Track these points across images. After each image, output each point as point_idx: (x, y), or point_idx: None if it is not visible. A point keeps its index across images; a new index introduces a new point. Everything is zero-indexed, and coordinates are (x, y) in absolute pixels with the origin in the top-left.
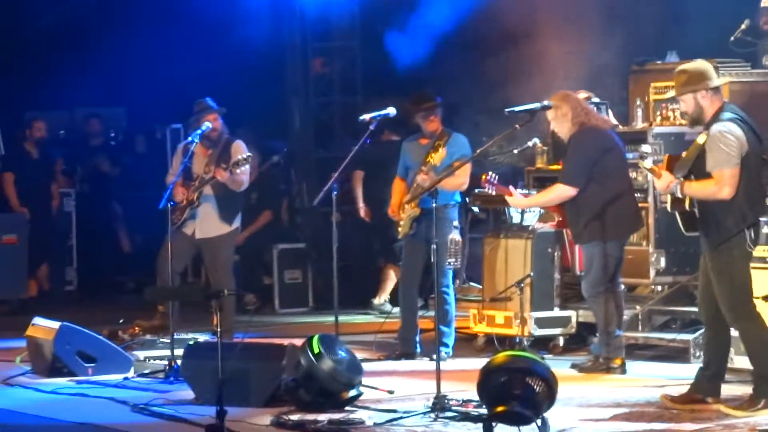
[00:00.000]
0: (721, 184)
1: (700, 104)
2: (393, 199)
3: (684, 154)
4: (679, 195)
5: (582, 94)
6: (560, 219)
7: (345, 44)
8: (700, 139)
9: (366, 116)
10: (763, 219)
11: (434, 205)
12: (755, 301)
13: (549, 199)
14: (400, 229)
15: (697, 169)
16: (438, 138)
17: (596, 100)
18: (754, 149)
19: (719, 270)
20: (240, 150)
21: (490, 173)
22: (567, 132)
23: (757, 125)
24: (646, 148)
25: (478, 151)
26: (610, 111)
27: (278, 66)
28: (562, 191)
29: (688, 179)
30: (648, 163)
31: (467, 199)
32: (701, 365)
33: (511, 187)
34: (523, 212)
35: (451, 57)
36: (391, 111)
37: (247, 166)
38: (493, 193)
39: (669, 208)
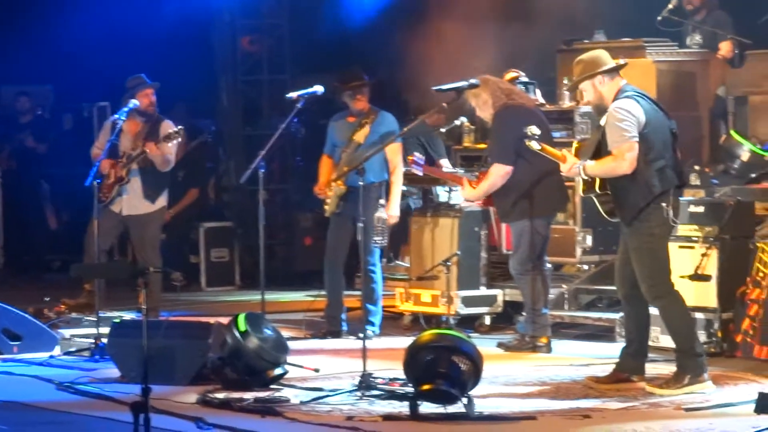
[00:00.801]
0: (619, 159)
1: (598, 90)
2: (320, 177)
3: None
4: (583, 176)
5: (511, 74)
6: (487, 198)
7: (273, 22)
8: (602, 121)
9: (293, 94)
10: (687, 198)
11: (361, 183)
12: (675, 279)
13: (493, 182)
14: (326, 206)
15: (602, 152)
16: (365, 116)
17: (524, 79)
18: (658, 122)
19: (636, 247)
20: (169, 127)
21: (416, 154)
22: (490, 117)
23: (677, 103)
24: (533, 128)
25: (405, 129)
26: (538, 90)
27: (206, 44)
28: (499, 170)
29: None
30: (535, 145)
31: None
32: (624, 344)
33: (464, 179)
34: (450, 190)
35: (380, 35)
36: (319, 89)
37: (176, 143)
38: (420, 173)
39: (582, 193)
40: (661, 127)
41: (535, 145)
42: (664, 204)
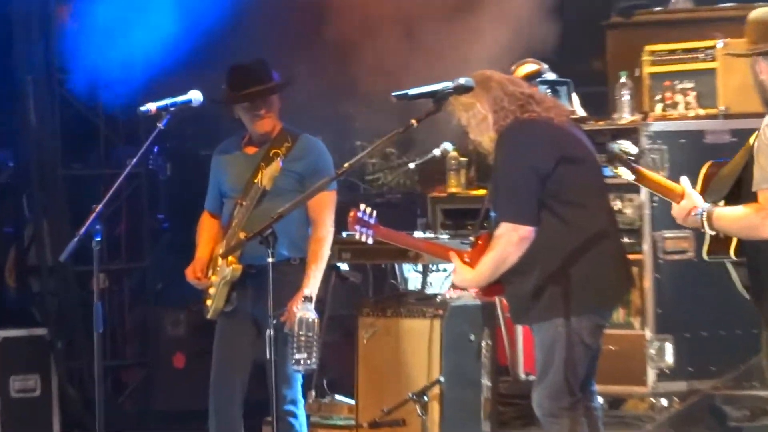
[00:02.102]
0: (763, 213)
1: (760, 77)
2: (198, 249)
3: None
4: (708, 230)
5: (528, 67)
6: (493, 283)
7: None
8: (752, 139)
9: (150, 106)
10: None
11: (270, 260)
12: None
13: (502, 254)
14: (208, 301)
15: (744, 188)
16: (273, 143)
17: (551, 75)
18: None
19: None
20: None
21: (362, 207)
22: (491, 142)
23: None
24: (624, 144)
25: (345, 165)
26: (575, 95)
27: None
28: (512, 235)
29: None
30: (626, 173)
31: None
32: None
33: (452, 252)
34: (425, 270)
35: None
36: (195, 97)
37: None
38: (370, 240)
39: (706, 255)
40: None
41: (626, 173)
42: None
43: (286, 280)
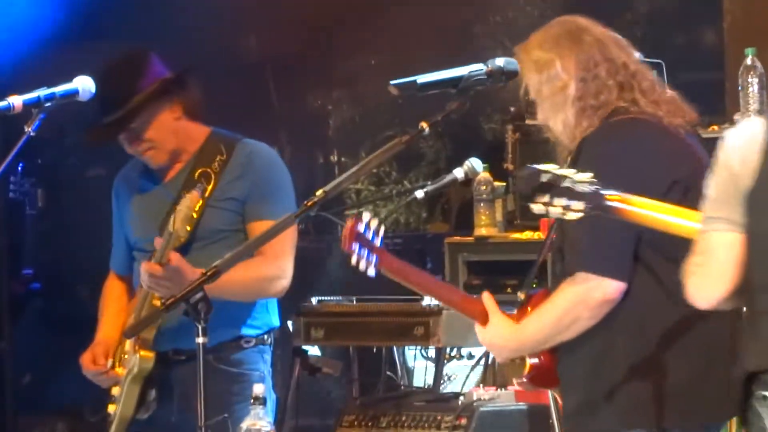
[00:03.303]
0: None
1: None
2: (100, 327)
3: None
4: None
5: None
6: (545, 360)
7: None
8: None
9: (13, 100)
10: None
11: (200, 340)
12: None
13: (567, 313)
14: (111, 408)
15: None
16: (199, 159)
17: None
18: None
19: None
20: None
21: (365, 217)
22: (563, 126)
23: None
24: None
25: (318, 192)
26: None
27: None
28: (590, 295)
29: None
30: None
31: (290, 322)
32: None
33: (485, 295)
34: (439, 357)
35: None
36: (84, 86)
37: None
38: (371, 270)
39: None
40: None
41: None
42: None
43: (231, 370)
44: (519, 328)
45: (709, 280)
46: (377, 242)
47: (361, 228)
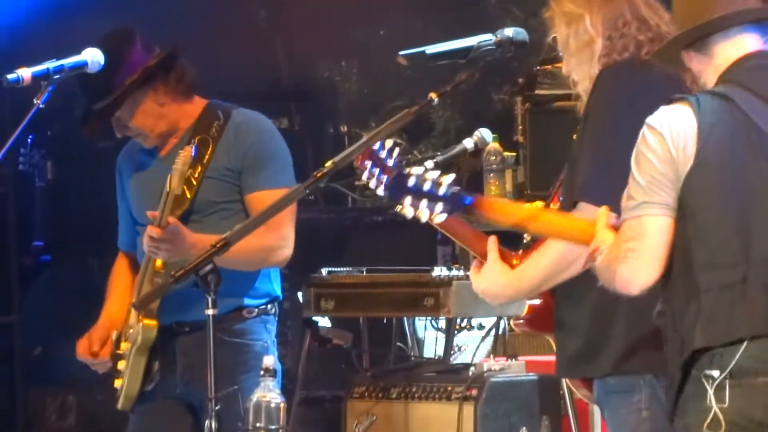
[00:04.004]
0: None
1: None
2: (106, 307)
3: None
4: None
5: None
6: (545, 301)
7: None
8: None
9: (23, 72)
10: None
11: (210, 312)
12: None
13: (566, 253)
14: (118, 382)
15: None
16: (197, 128)
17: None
18: None
19: None
20: None
21: (387, 143)
22: (587, 80)
23: None
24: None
25: (327, 164)
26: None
27: None
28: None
29: None
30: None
31: (300, 294)
32: None
33: (491, 243)
34: (450, 327)
35: None
36: (93, 57)
37: None
38: (381, 190)
39: None
40: None
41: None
42: None
43: (237, 340)
44: (516, 273)
45: (644, 263)
46: (390, 163)
47: (376, 147)
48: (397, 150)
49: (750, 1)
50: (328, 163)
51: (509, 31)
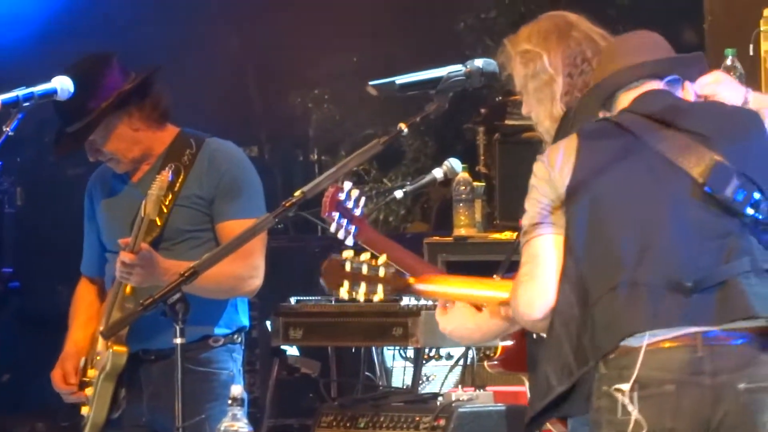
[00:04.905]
0: None
1: None
2: (70, 335)
3: None
4: None
5: None
6: (509, 349)
7: None
8: None
9: None
10: None
11: (178, 341)
12: None
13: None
14: (84, 409)
15: None
16: (169, 155)
17: None
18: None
19: None
20: None
21: (345, 186)
22: (549, 120)
23: None
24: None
25: (297, 193)
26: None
27: None
28: None
29: None
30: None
31: (269, 322)
32: None
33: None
34: (418, 357)
35: None
36: (63, 85)
37: None
38: (350, 240)
39: None
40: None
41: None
42: None
43: (205, 369)
44: (484, 315)
45: (540, 283)
46: (357, 212)
47: (342, 196)
48: (363, 199)
49: (659, 50)
50: (297, 193)
51: (479, 62)
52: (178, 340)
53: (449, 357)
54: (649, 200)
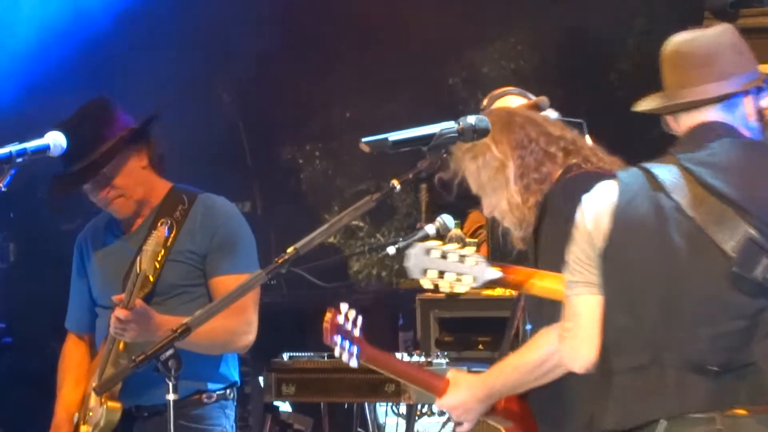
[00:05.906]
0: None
1: None
2: (60, 396)
3: None
4: None
5: (511, 100)
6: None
7: None
8: None
9: None
10: None
11: (171, 397)
12: None
13: (545, 355)
14: None
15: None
16: (161, 210)
17: (552, 113)
18: None
19: None
20: None
21: (343, 309)
22: (509, 207)
23: None
24: None
25: (289, 249)
26: (588, 138)
27: None
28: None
29: None
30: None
31: (261, 377)
32: None
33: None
34: (411, 414)
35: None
36: (56, 141)
37: None
38: (354, 362)
39: None
40: None
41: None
42: None
43: (195, 428)
44: (484, 377)
45: (580, 343)
46: (356, 332)
47: (340, 320)
48: (360, 319)
49: (722, 87)
50: (290, 249)
51: (471, 119)
52: (171, 396)
53: (442, 413)
54: (679, 275)
